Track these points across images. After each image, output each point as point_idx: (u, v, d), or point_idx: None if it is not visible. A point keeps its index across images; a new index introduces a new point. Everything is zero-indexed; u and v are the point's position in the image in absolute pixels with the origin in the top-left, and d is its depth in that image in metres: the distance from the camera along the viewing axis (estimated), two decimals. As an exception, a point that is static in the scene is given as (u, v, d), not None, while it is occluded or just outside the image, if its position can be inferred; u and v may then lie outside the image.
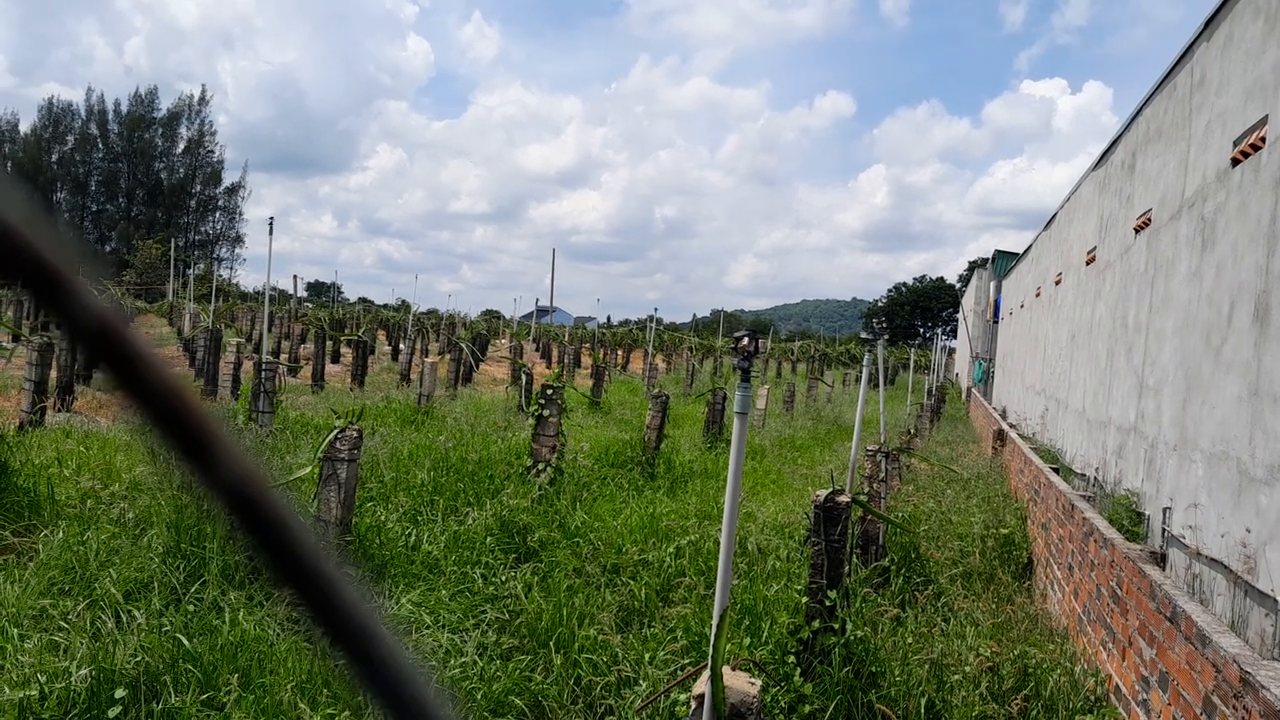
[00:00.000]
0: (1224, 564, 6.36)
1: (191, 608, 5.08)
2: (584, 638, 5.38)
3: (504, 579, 6.29)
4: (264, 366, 11.22)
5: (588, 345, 42.98)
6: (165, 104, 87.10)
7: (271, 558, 0.33)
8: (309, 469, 6.51)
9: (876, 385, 8.47)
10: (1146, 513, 8.62)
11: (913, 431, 16.15)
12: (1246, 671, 3.16)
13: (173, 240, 55.23)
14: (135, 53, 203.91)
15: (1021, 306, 23.83)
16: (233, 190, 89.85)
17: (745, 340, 3.46)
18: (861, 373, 7.13)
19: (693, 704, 3.45)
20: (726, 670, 3.43)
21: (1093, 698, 5.15)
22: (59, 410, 12.25)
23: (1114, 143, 12.37)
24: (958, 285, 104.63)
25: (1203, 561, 6.85)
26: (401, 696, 0.36)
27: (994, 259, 38.56)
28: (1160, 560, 6.98)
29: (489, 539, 7.02)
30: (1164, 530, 7.93)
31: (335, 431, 6.30)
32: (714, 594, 3.73)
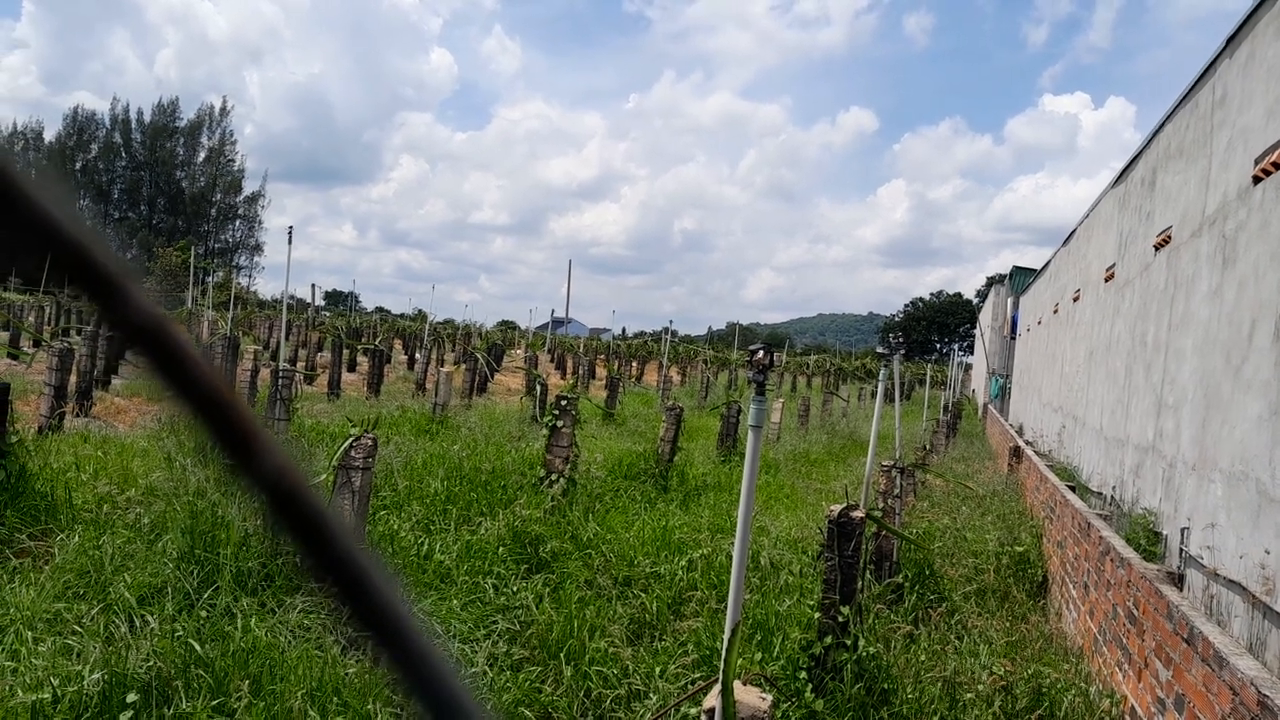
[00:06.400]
0: (1242, 585, 6.29)
1: (204, 613, 5.11)
2: (594, 650, 5.38)
3: (515, 589, 6.29)
4: (281, 374, 11.29)
5: (603, 356, 42.98)
6: (190, 114, 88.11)
7: (307, 547, 0.34)
8: (324, 476, 6.54)
9: (892, 400, 8.44)
10: (1164, 532, 8.53)
11: (928, 447, 16.08)
12: (1265, 695, 3.12)
13: (193, 248, 55.69)
14: (166, 64, 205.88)
15: (1039, 323, 23.70)
16: (253, 199, 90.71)
17: (760, 353, 3.45)
18: (877, 387, 7.10)
19: (703, 718, 3.43)
20: (737, 685, 3.42)
21: (1108, 719, 5.10)
22: (78, 415, 12.35)
23: (1134, 159, 12.31)
24: (975, 301, 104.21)
25: (1220, 582, 6.77)
26: (439, 692, 0.36)
27: (1012, 275, 38.40)
28: (1177, 581, 6.91)
29: (501, 549, 7.02)
30: (1182, 550, 7.85)
31: (350, 439, 6.33)
32: (726, 608, 3.72)
